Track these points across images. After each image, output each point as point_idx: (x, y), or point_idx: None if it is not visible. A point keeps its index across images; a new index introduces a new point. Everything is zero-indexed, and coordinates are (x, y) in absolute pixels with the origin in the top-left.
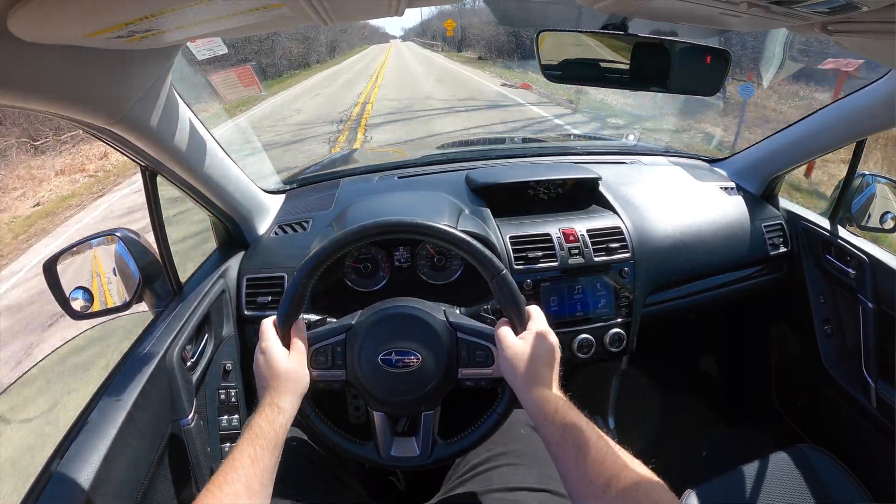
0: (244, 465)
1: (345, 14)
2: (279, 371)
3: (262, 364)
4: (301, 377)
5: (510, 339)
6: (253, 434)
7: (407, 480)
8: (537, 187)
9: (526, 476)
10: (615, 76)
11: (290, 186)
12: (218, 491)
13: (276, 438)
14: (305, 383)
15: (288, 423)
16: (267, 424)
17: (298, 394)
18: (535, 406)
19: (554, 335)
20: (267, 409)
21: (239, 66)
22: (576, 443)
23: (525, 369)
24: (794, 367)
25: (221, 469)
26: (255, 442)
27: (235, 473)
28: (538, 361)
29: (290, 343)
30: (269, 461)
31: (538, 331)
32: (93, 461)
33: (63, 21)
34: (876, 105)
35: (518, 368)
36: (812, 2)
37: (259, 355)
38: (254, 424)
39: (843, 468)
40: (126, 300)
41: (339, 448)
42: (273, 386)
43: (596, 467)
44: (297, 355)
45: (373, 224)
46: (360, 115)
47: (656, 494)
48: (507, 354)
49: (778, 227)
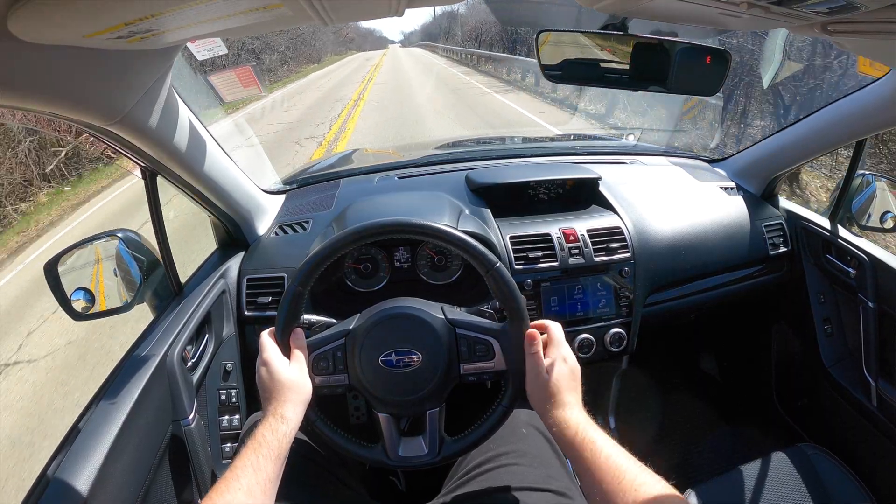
0: (246, 473)
1: (344, 14)
2: (281, 381)
3: (264, 376)
4: (303, 386)
5: (538, 370)
6: (256, 443)
7: (407, 480)
8: (537, 187)
9: (528, 476)
10: (615, 76)
11: (290, 186)
12: (219, 498)
13: (280, 448)
14: (308, 392)
15: (292, 432)
16: (270, 434)
17: (301, 402)
18: (558, 427)
19: (573, 356)
20: (270, 419)
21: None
22: (596, 462)
23: (550, 395)
24: (795, 367)
25: (223, 477)
26: (257, 451)
27: (237, 482)
28: (562, 386)
29: (291, 353)
30: (271, 471)
31: (559, 356)
32: (93, 461)
33: (63, 21)
34: (876, 105)
35: (542, 397)
36: (812, 2)
37: (261, 368)
38: (257, 434)
39: (843, 468)
40: (127, 300)
41: (347, 452)
42: (276, 397)
43: (618, 485)
44: (298, 364)
45: (363, 226)
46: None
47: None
48: (535, 384)
49: (778, 226)
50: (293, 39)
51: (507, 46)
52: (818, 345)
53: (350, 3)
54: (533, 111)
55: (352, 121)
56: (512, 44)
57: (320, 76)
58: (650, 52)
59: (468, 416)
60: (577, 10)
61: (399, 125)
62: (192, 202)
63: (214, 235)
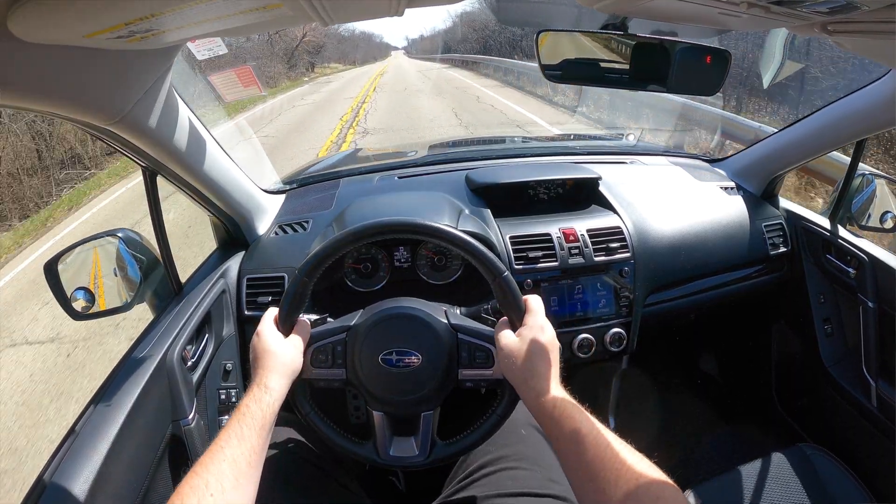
0: (230, 444)
1: (345, 14)
2: (268, 351)
3: (254, 344)
4: (291, 359)
5: (508, 337)
6: (240, 413)
7: (407, 482)
8: (537, 187)
9: (528, 480)
10: (615, 76)
11: (290, 186)
12: (203, 471)
13: (264, 418)
14: (296, 366)
15: (276, 402)
16: (254, 404)
17: (287, 375)
18: (535, 403)
19: (551, 328)
20: (255, 388)
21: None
22: (575, 439)
23: (523, 366)
24: (795, 367)
25: (208, 450)
26: (241, 421)
27: (221, 453)
28: (536, 357)
29: (290, 333)
30: (256, 441)
31: (536, 325)
32: (93, 461)
33: (63, 21)
34: (876, 105)
35: (516, 365)
36: (812, 2)
37: (253, 338)
38: (241, 404)
39: (843, 468)
40: (127, 300)
41: (337, 447)
42: (262, 366)
43: (597, 464)
44: (293, 341)
45: (375, 224)
46: None
47: (658, 489)
48: (506, 352)
49: (778, 226)
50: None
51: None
52: (818, 345)
53: (350, 2)
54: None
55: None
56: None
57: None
58: (650, 51)
59: (463, 418)
60: (577, 10)
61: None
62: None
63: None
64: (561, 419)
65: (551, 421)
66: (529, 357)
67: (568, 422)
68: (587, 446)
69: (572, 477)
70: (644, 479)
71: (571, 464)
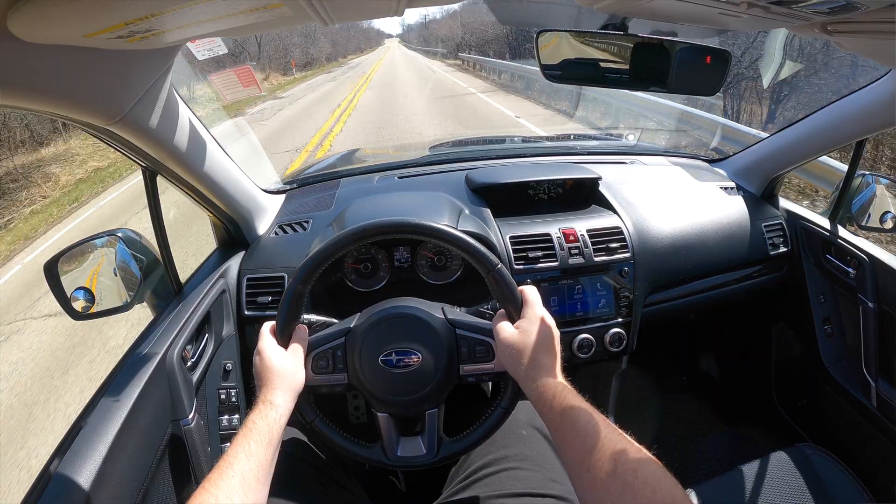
0: (239, 460)
1: (345, 14)
2: (272, 368)
3: (257, 364)
4: (294, 374)
5: (507, 330)
6: (247, 430)
7: (408, 482)
8: (537, 187)
9: (529, 480)
10: (615, 76)
11: (290, 186)
12: (213, 487)
13: (271, 434)
14: (300, 381)
15: (282, 418)
16: (261, 420)
17: (292, 390)
18: (535, 393)
19: (550, 317)
20: (260, 405)
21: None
22: (574, 428)
23: (523, 357)
24: (795, 367)
25: (217, 466)
26: (248, 437)
27: (231, 469)
28: (536, 348)
29: (289, 345)
30: (264, 457)
31: (534, 316)
32: (93, 461)
33: (63, 21)
34: (876, 105)
35: (516, 357)
36: (812, 2)
37: (255, 356)
38: (248, 421)
39: (843, 468)
40: (127, 300)
41: (346, 452)
42: (266, 384)
43: (595, 453)
44: (293, 355)
45: (363, 226)
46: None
47: (655, 480)
48: (505, 345)
49: (778, 226)
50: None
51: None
52: (818, 345)
53: (350, 2)
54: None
55: None
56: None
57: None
58: (650, 51)
59: (468, 416)
60: (577, 10)
61: None
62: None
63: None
64: (560, 409)
65: (550, 411)
66: (531, 349)
67: (566, 411)
68: (585, 436)
69: (569, 465)
70: (641, 469)
71: (568, 452)
